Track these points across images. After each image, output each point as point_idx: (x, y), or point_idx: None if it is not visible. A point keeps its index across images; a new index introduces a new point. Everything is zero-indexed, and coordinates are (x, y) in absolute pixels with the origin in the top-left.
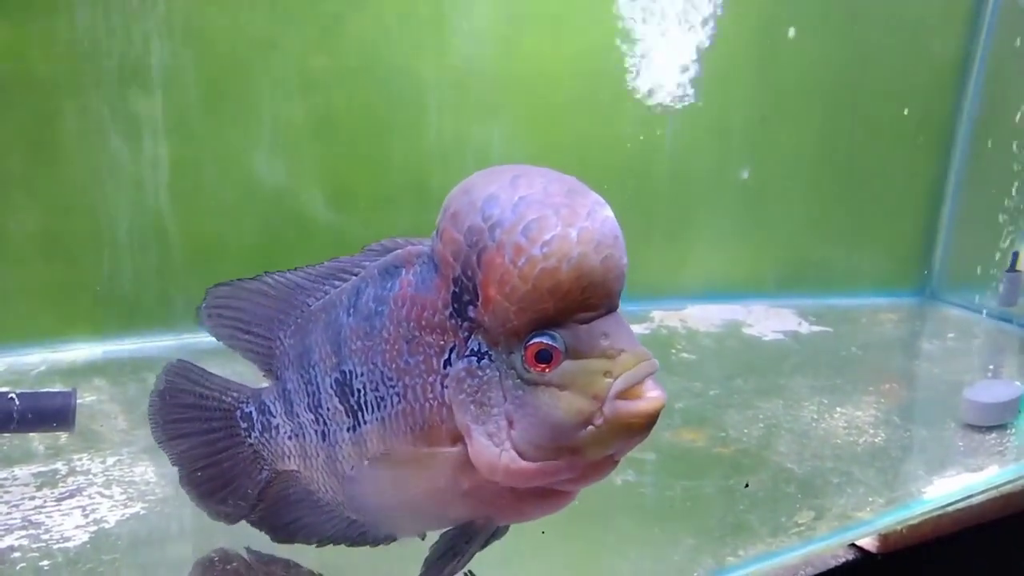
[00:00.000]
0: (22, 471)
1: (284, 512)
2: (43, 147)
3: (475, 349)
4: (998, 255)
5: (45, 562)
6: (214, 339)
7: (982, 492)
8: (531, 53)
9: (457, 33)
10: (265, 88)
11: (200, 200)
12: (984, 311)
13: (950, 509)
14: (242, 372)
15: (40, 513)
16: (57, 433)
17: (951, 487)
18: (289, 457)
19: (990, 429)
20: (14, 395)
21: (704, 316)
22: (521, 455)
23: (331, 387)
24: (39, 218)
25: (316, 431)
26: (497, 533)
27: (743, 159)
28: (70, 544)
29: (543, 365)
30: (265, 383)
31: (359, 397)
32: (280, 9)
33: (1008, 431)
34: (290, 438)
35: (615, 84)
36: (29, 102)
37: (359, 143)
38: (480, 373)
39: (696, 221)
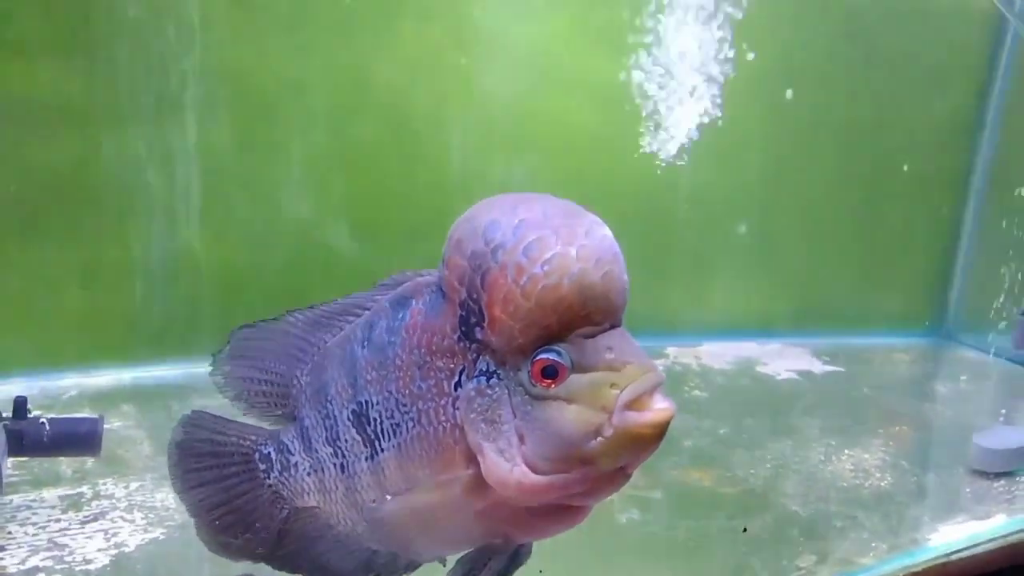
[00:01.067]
0: (49, 493)
1: (305, 549)
2: (81, 177)
3: (484, 369)
4: (1013, 297)
5: None
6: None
7: (988, 541)
8: (552, 96)
9: (481, 75)
10: (294, 124)
11: (230, 231)
12: (997, 353)
13: (954, 558)
14: None
15: (65, 535)
16: (84, 457)
17: (956, 535)
18: (309, 493)
19: (999, 476)
20: (45, 420)
21: (719, 353)
22: (533, 469)
23: (348, 419)
24: (75, 246)
25: (335, 464)
26: (520, 557)
27: (759, 199)
28: (92, 567)
29: (549, 380)
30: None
31: (376, 426)
32: (310, 50)
33: (1017, 478)
34: (309, 474)
35: (633, 126)
36: (69, 134)
37: (384, 177)
38: (489, 392)
39: (712, 258)
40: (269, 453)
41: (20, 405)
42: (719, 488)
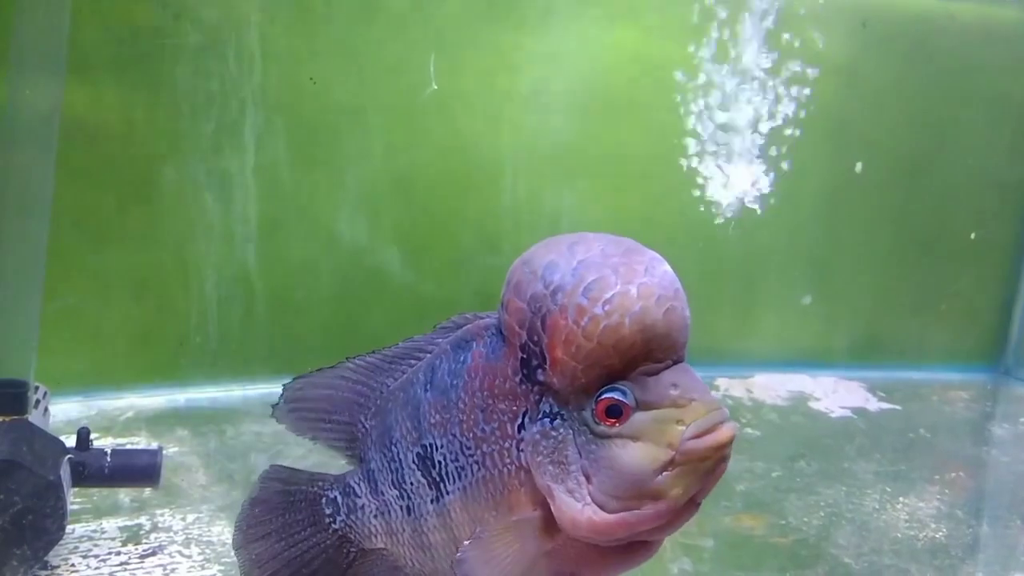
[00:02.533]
0: (109, 524)
1: None
2: (143, 201)
3: (547, 411)
4: None
5: None
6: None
7: None
8: (605, 127)
9: (533, 105)
10: (350, 152)
11: (284, 256)
12: None
13: None
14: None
15: (125, 570)
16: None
17: None
18: (376, 536)
19: None
20: (107, 451)
21: (771, 385)
22: (602, 507)
23: (413, 462)
24: (135, 267)
25: (401, 506)
26: None
27: (818, 226)
28: None
29: (614, 419)
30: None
31: (440, 469)
32: (366, 80)
33: None
34: (375, 516)
35: (685, 158)
36: (133, 158)
37: (436, 205)
38: (554, 433)
39: (767, 287)
40: (335, 497)
41: (83, 437)
42: (771, 538)
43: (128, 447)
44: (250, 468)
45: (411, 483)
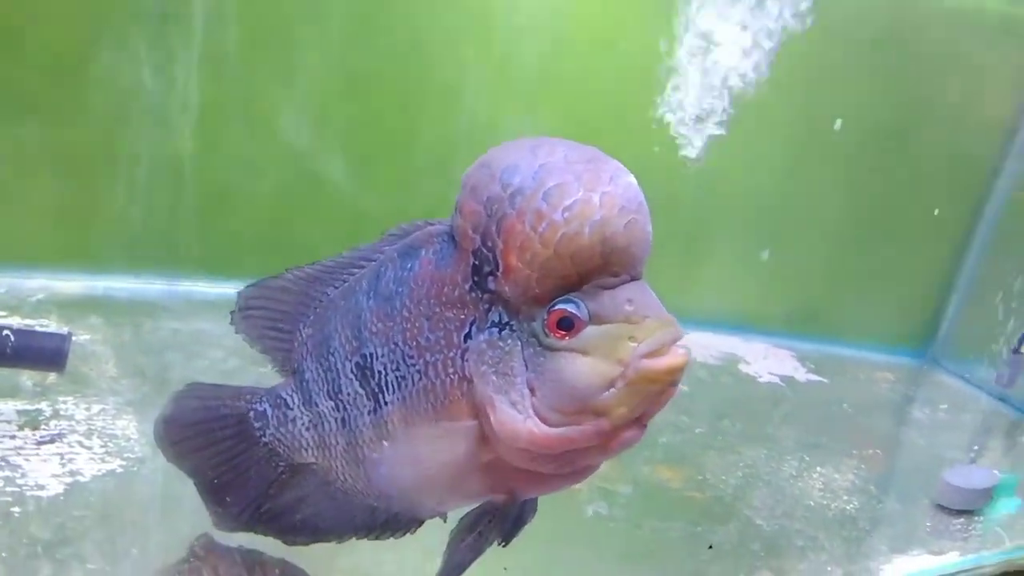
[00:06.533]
0: (6, 406)
1: (300, 509)
2: (75, 71)
3: (495, 320)
4: (1005, 333)
5: (16, 508)
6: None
7: None
8: (573, 56)
9: (502, 24)
10: (305, 45)
11: (222, 149)
12: (981, 387)
13: None
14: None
15: (19, 455)
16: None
17: (909, 567)
18: (307, 449)
19: (959, 513)
20: (9, 332)
21: (704, 344)
22: (544, 421)
23: (351, 371)
24: (60, 141)
25: (336, 418)
26: (524, 516)
27: (768, 194)
28: (44, 493)
29: (564, 332)
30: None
31: (379, 379)
32: None
33: (976, 518)
34: (308, 429)
35: (653, 96)
36: (67, 25)
37: (388, 117)
38: (501, 344)
39: (710, 246)
40: (264, 410)
41: None
42: (687, 491)
43: (35, 328)
44: (164, 365)
45: (348, 394)
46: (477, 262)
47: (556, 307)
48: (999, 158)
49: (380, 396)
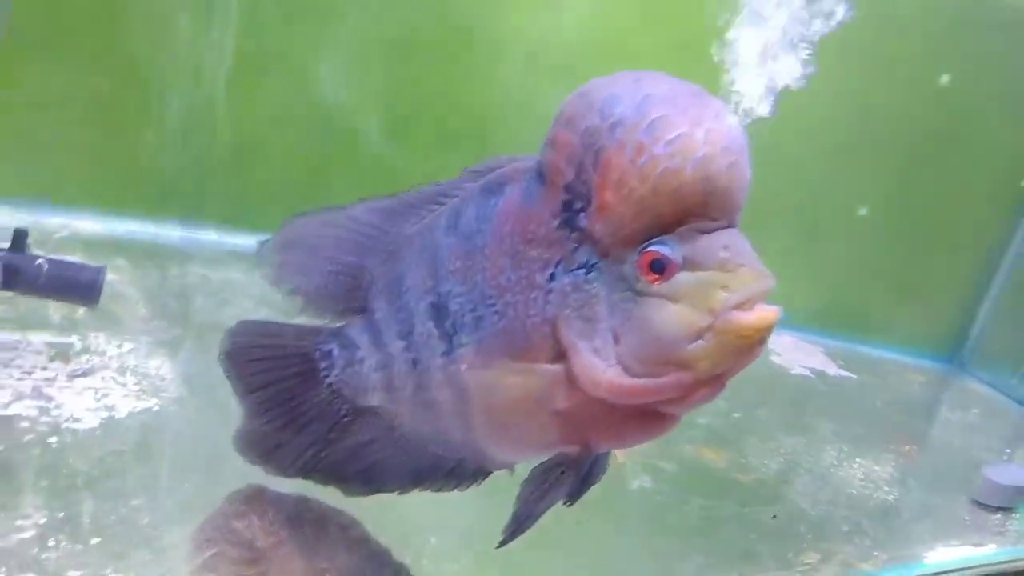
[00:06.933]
0: (36, 337)
1: (362, 456)
2: (106, 7)
3: (583, 262)
4: None
5: (53, 439)
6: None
7: (977, 567)
8: (624, 31)
9: None
10: (345, 1)
11: (256, 99)
12: (1011, 395)
13: None
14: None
15: (51, 386)
16: (75, 307)
17: (951, 556)
18: (373, 391)
19: (997, 510)
20: (43, 261)
21: None
22: (627, 370)
23: (426, 311)
24: (89, 79)
25: (406, 360)
26: (595, 472)
27: (807, 188)
28: (79, 426)
29: (656, 275)
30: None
31: (455, 319)
32: None
33: (1013, 515)
34: (376, 370)
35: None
36: None
37: (427, 78)
38: (587, 287)
39: (746, 233)
40: (331, 350)
41: (20, 238)
42: (731, 472)
43: (68, 260)
44: (194, 309)
45: (420, 334)
46: (568, 197)
47: (649, 248)
48: None
49: (455, 337)
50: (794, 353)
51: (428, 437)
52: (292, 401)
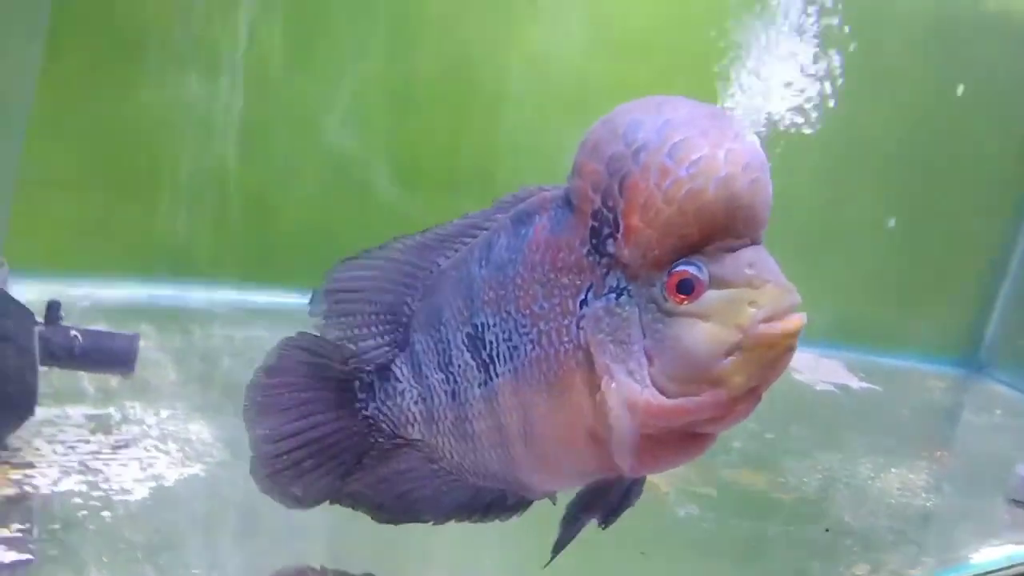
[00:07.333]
0: (75, 411)
1: (399, 485)
2: (118, 73)
3: (613, 286)
4: None
5: (106, 513)
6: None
7: (1022, 564)
8: (626, 63)
9: (546, 28)
10: (350, 52)
11: (266, 154)
12: None
13: None
14: None
15: (97, 459)
16: (107, 376)
17: (995, 555)
18: (413, 424)
19: None
20: (77, 333)
21: None
22: (663, 391)
23: (463, 342)
24: (101, 146)
25: (445, 391)
26: (631, 496)
27: (810, 203)
28: (131, 497)
29: (685, 296)
30: None
31: (491, 349)
32: None
33: None
34: (416, 403)
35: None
36: (110, 25)
37: (432, 123)
38: (619, 310)
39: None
40: (372, 381)
41: (53, 310)
42: (773, 493)
43: (102, 330)
44: (224, 371)
45: (459, 365)
46: (596, 224)
47: (677, 268)
48: None
49: (491, 367)
50: (816, 369)
51: (468, 469)
52: (323, 426)
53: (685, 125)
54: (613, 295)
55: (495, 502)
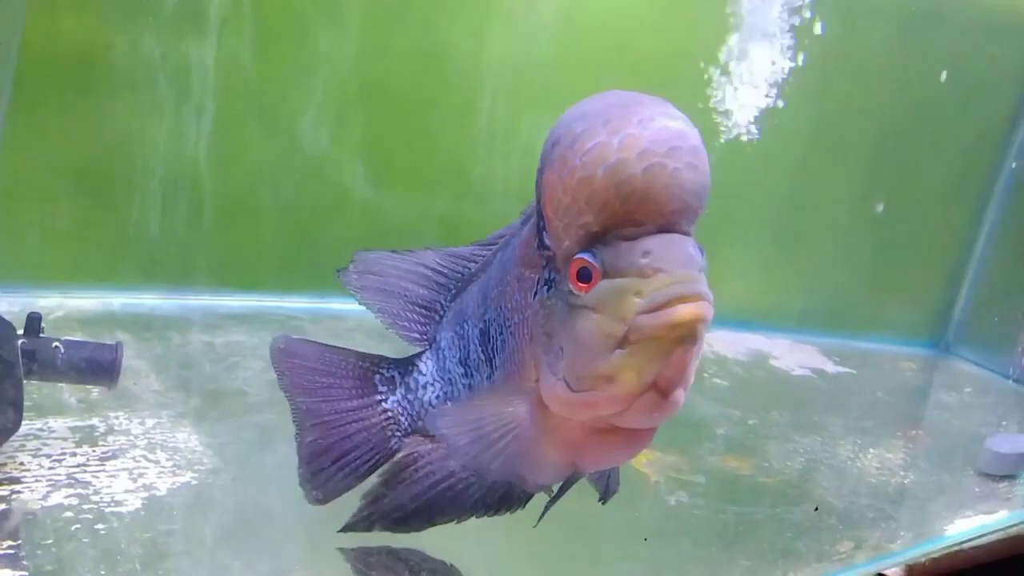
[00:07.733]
0: (57, 423)
1: (416, 487)
2: (86, 79)
3: (546, 278)
4: (1016, 320)
5: (100, 526)
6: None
7: (993, 532)
8: (600, 57)
9: (520, 22)
10: (321, 51)
11: (239, 157)
12: (998, 371)
13: (966, 546)
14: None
15: (85, 472)
16: (90, 387)
17: (967, 526)
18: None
19: (1003, 478)
20: (59, 343)
21: (731, 343)
22: (569, 385)
23: (476, 337)
24: (71, 153)
25: (464, 384)
26: (611, 485)
27: (783, 193)
28: (123, 509)
29: (584, 285)
30: None
31: (493, 343)
32: None
33: (1018, 481)
34: (438, 396)
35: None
36: (78, 31)
37: (406, 121)
38: (549, 302)
39: (729, 245)
40: (393, 376)
41: (33, 322)
42: (758, 477)
43: (84, 341)
44: (207, 377)
45: (474, 359)
46: (539, 220)
47: (576, 257)
48: (1003, 150)
49: (494, 360)
50: (792, 355)
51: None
52: (342, 414)
53: (593, 115)
54: (546, 287)
55: (505, 496)
